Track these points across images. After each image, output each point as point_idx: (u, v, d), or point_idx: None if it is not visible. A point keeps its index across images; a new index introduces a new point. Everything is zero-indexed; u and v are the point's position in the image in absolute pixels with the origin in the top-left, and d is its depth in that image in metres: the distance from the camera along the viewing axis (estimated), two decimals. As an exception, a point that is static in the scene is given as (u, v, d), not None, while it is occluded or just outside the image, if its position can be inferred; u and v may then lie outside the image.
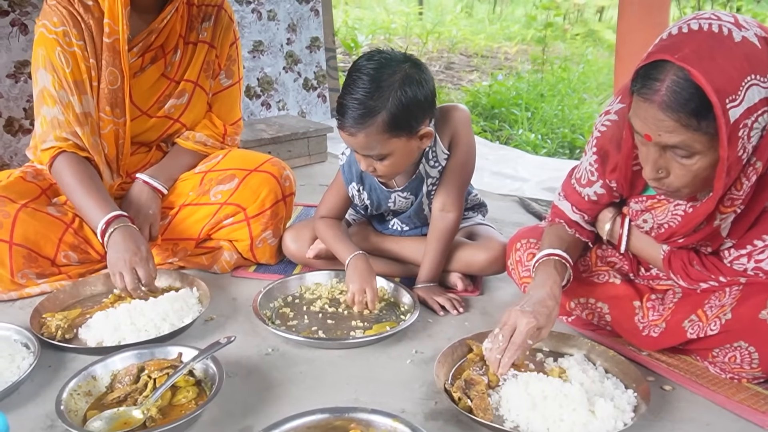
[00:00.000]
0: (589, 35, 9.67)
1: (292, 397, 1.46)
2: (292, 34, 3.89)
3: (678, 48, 1.21)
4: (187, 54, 2.15)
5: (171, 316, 1.70)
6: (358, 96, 1.64)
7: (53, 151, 1.93)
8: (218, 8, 2.19)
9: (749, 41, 1.21)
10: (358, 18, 9.86)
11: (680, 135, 1.24)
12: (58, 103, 1.92)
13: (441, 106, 1.88)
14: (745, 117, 1.21)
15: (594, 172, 1.63)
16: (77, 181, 1.91)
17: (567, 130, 4.81)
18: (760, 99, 1.21)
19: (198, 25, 2.16)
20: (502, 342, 1.43)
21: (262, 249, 2.13)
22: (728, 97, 1.18)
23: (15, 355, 1.54)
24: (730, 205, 1.35)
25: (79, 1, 1.94)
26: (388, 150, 1.70)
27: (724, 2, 7.63)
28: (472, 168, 1.94)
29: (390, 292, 1.93)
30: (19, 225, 1.88)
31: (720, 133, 1.20)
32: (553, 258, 1.60)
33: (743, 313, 1.41)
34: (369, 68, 1.65)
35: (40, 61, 1.93)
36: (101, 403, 1.40)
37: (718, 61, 1.18)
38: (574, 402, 1.34)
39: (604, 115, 1.60)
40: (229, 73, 2.26)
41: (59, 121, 1.93)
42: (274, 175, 2.11)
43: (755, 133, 1.24)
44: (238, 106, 2.32)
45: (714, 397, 1.46)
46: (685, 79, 1.19)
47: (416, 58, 1.74)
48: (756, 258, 1.41)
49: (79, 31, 1.93)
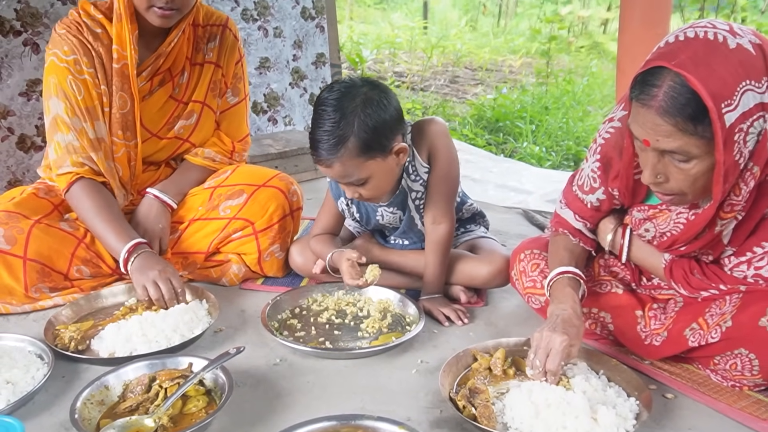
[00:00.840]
0: (593, 47, 9.73)
1: (300, 406, 1.49)
2: (298, 50, 3.95)
3: (674, 55, 1.25)
4: (194, 75, 2.19)
5: (181, 328, 1.74)
6: (326, 127, 1.70)
7: (71, 177, 1.98)
8: (223, 28, 2.23)
9: (744, 48, 1.24)
10: (363, 33, 9.95)
11: (677, 140, 1.27)
12: (72, 129, 1.97)
13: (416, 121, 1.93)
14: (741, 121, 1.24)
15: (597, 179, 1.65)
16: (96, 208, 1.97)
17: (571, 142, 4.85)
18: (755, 104, 1.24)
19: (204, 46, 2.20)
20: (541, 365, 1.46)
21: (269, 262, 2.16)
22: (724, 102, 1.21)
23: (30, 365, 1.58)
24: (729, 210, 1.38)
25: (88, 30, 1.99)
26: (366, 173, 1.75)
27: (728, 14, 7.67)
28: (456, 178, 1.97)
29: (396, 304, 1.96)
30: (33, 240, 1.93)
31: (716, 137, 1.23)
32: (566, 276, 1.63)
33: (743, 320, 1.43)
34: (331, 99, 1.71)
35: (52, 89, 1.98)
36: (114, 412, 1.43)
37: (713, 67, 1.22)
38: (576, 409, 1.36)
39: (607, 122, 1.63)
40: (236, 91, 2.30)
41: (74, 146, 1.98)
42: (282, 190, 2.15)
43: (751, 137, 1.28)
44: (245, 123, 2.36)
45: (715, 405, 1.48)
46: (681, 84, 1.23)
47: (375, 79, 1.80)
48: (756, 265, 1.43)
49: (89, 59, 1.99)
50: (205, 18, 2.21)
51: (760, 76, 1.25)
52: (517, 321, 1.92)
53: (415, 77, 7.82)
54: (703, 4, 7.03)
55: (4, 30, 2.70)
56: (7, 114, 2.76)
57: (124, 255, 1.90)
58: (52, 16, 2.79)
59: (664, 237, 1.55)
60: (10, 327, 1.87)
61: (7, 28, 2.70)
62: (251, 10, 3.67)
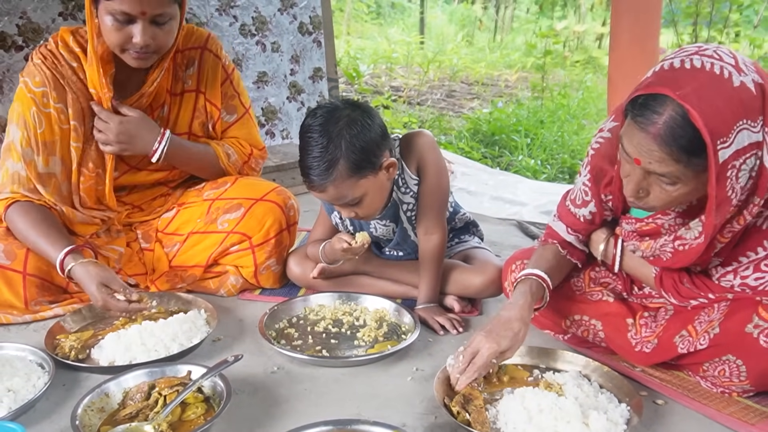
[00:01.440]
0: (588, 62, 9.82)
1: (297, 413, 1.51)
2: (296, 65, 4.00)
3: (679, 85, 1.26)
4: (174, 106, 2.17)
5: (180, 337, 1.76)
6: (315, 153, 1.73)
7: (7, 201, 1.95)
8: (201, 50, 2.17)
9: (747, 87, 1.27)
10: (360, 48, 10.03)
11: (669, 167, 1.31)
12: (21, 159, 1.95)
13: (404, 135, 1.98)
14: (734, 158, 1.27)
15: (588, 192, 1.69)
16: (29, 225, 1.91)
17: (566, 155, 4.90)
18: (749, 143, 1.28)
19: (182, 73, 2.15)
20: (462, 363, 1.50)
21: (266, 275, 2.18)
22: (720, 138, 1.24)
23: (31, 374, 1.60)
24: (729, 235, 1.43)
25: (64, 62, 1.97)
26: (360, 192, 1.78)
27: (720, 29, 7.76)
28: (446, 188, 2.00)
29: (391, 313, 1.99)
30: (32, 256, 1.94)
31: (710, 172, 1.27)
32: (531, 278, 1.65)
33: (730, 327, 1.46)
34: (315, 125, 1.75)
35: (15, 116, 1.96)
36: (114, 419, 1.45)
37: (716, 104, 1.24)
38: (568, 415, 1.39)
39: (598, 133, 1.67)
40: (231, 109, 2.26)
41: (20, 176, 1.95)
42: (279, 204, 2.16)
43: (743, 174, 1.31)
44: (256, 135, 2.34)
45: (705, 411, 1.51)
46: (683, 116, 1.25)
47: (355, 100, 1.85)
48: (741, 274, 1.47)
49: (59, 93, 1.96)
50: (184, 41, 2.13)
51: (757, 116, 1.28)
52: (511, 330, 1.94)
53: (412, 91, 7.88)
54: (696, 18, 7.12)
55: (6, 45, 2.74)
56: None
57: (59, 264, 1.86)
58: (53, 31, 2.83)
59: (650, 258, 1.60)
60: (11, 336, 1.89)
61: (9, 43, 2.75)
62: (249, 26, 3.73)
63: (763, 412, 1.49)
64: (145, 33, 1.83)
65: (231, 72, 2.25)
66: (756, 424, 1.45)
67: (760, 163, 1.32)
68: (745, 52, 7.84)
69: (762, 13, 8.29)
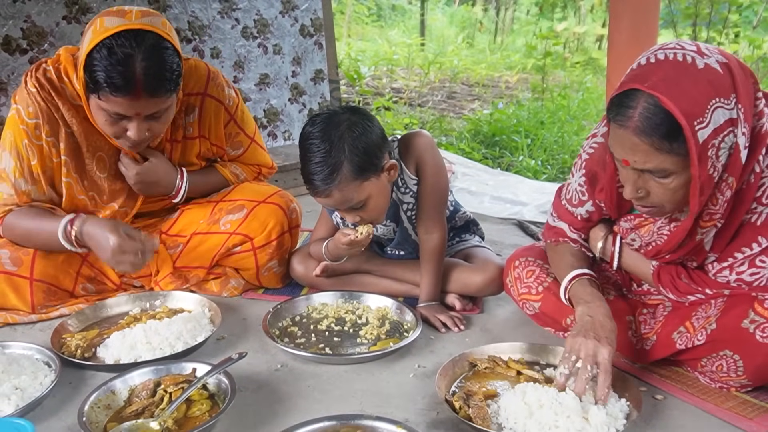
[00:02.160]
0: (588, 63, 9.85)
1: (301, 409, 1.53)
2: (297, 67, 4.03)
3: (646, 77, 1.31)
4: (176, 152, 2.15)
5: (185, 335, 1.78)
6: (317, 159, 1.75)
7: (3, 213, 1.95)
8: (203, 97, 2.11)
9: (711, 67, 1.31)
10: (360, 50, 10.06)
11: (654, 159, 1.33)
12: (13, 188, 1.93)
13: (402, 135, 2.00)
14: (713, 137, 1.30)
15: (585, 193, 1.72)
16: (30, 220, 1.92)
17: (567, 155, 4.92)
18: (725, 120, 1.31)
19: (182, 120, 2.10)
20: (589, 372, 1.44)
21: (268, 276, 2.20)
22: (696, 119, 1.28)
23: (38, 372, 1.62)
24: (708, 219, 1.44)
25: (66, 99, 1.91)
26: (364, 195, 1.81)
27: (720, 29, 7.78)
28: (445, 187, 2.02)
29: (393, 311, 2.01)
30: (39, 261, 1.97)
31: (690, 153, 1.30)
32: (584, 278, 1.67)
33: (727, 322, 1.48)
34: (316, 132, 1.77)
35: (7, 144, 1.92)
36: (120, 415, 1.47)
37: (684, 87, 1.28)
38: (568, 409, 1.40)
39: (591, 138, 1.70)
40: (236, 145, 2.26)
41: (14, 200, 1.94)
42: (282, 206, 2.17)
43: (723, 152, 1.34)
44: (265, 158, 2.37)
45: (704, 406, 1.52)
46: (655, 105, 1.29)
47: (352, 105, 1.88)
48: (737, 270, 1.49)
49: (52, 127, 1.91)
50: (183, 85, 2.01)
51: (729, 93, 1.31)
52: (512, 327, 1.97)
53: (413, 93, 7.91)
54: (695, 19, 7.14)
55: (11, 48, 2.77)
56: (12, 130, 2.81)
57: (66, 227, 1.85)
58: (57, 34, 2.86)
59: (649, 246, 1.62)
60: (17, 336, 1.91)
61: (14, 46, 2.77)
62: (251, 28, 3.76)
63: (761, 407, 1.51)
64: (140, 129, 1.80)
65: (234, 111, 2.20)
66: (754, 418, 1.46)
67: (736, 140, 1.34)
68: (744, 52, 7.86)
69: (761, 14, 8.30)
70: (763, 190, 1.42)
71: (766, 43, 7.81)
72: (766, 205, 1.42)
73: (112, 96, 1.71)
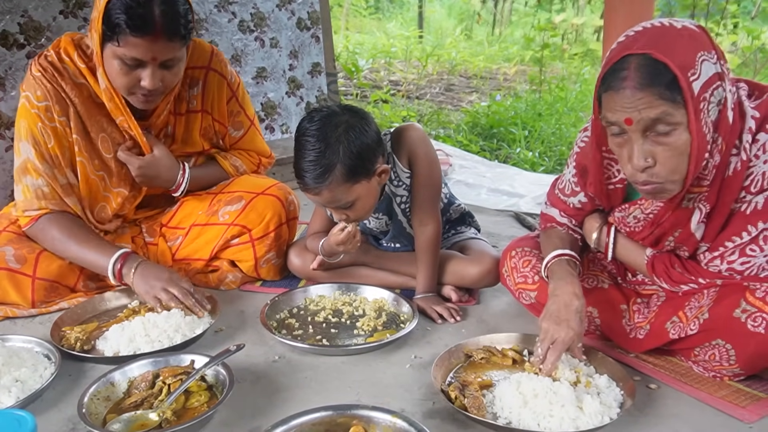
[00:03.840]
0: (587, 54, 9.82)
1: (298, 400, 1.55)
2: (294, 60, 4.03)
3: (632, 44, 1.34)
4: (179, 126, 2.17)
5: (183, 328, 1.79)
6: (311, 157, 1.76)
7: (37, 214, 1.97)
8: (206, 70, 2.16)
9: (688, 27, 1.35)
10: (358, 43, 10.05)
11: (659, 106, 1.31)
12: (42, 175, 1.96)
13: (395, 129, 2.01)
14: (704, 90, 1.32)
15: (577, 184, 1.74)
16: (68, 231, 1.95)
17: (564, 147, 4.92)
18: (713, 73, 1.33)
19: (186, 93, 2.15)
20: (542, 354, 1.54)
21: (266, 268, 2.22)
22: (689, 71, 1.30)
23: (37, 365, 1.63)
24: (697, 184, 1.45)
25: (69, 77, 1.96)
26: (353, 197, 1.82)
27: (718, 20, 7.77)
28: (438, 179, 2.03)
29: (390, 303, 2.02)
30: (43, 260, 1.98)
31: (687, 105, 1.30)
32: (563, 258, 1.70)
33: (719, 312, 1.50)
34: (313, 129, 1.78)
35: (23, 133, 1.96)
36: (119, 407, 1.48)
37: (670, 43, 1.31)
38: (562, 399, 1.42)
39: (583, 131, 1.72)
40: (237, 125, 2.30)
41: (44, 192, 1.96)
42: (280, 198, 2.19)
43: (712, 107, 1.35)
44: (263, 144, 2.39)
45: (697, 394, 1.54)
46: (648, 59, 1.31)
47: (352, 105, 1.88)
48: (728, 259, 1.50)
49: (62, 107, 1.95)
50: (187, 59, 2.04)
51: (710, 48, 1.34)
52: (508, 318, 1.98)
53: (411, 86, 7.90)
54: (693, 10, 7.13)
55: (8, 43, 2.76)
56: (11, 125, 2.81)
57: (116, 266, 1.91)
58: (54, 29, 2.85)
59: (650, 216, 1.60)
60: (17, 329, 1.92)
61: (11, 41, 2.77)
62: (248, 22, 3.75)
63: (754, 395, 1.53)
64: (154, 77, 1.84)
65: (236, 88, 2.26)
66: (747, 406, 1.48)
67: (724, 97, 1.36)
68: (743, 43, 7.85)
69: (760, 4, 8.29)
70: (751, 178, 1.43)
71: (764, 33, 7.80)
72: (754, 193, 1.44)
73: (132, 37, 1.75)
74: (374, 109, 6.38)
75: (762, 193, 1.44)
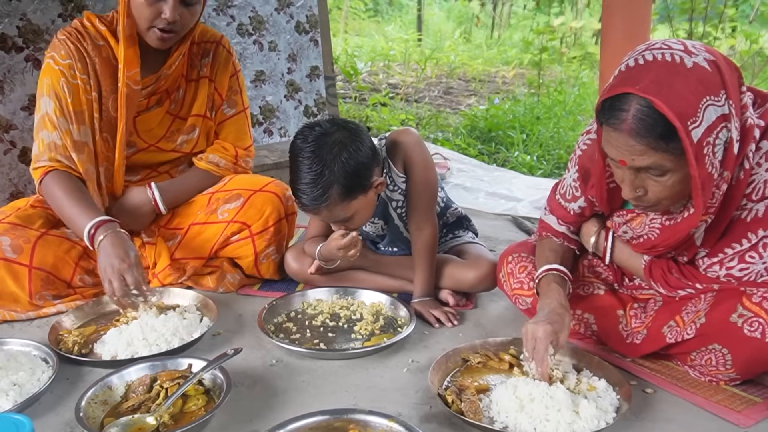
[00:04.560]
0: (585, 58, 9.83)
1: (295, 404, 1.55)
2: (293, 63, 4.03)
3: (637, 80, 1.32)
4: (190, 91, 2.27)
5: (181, 332, 1.80)
6: (307, 180, 1.77)
7: (45, 168, 2.02)
8: (216, 44, 2.30)
9: (700, 66, 1.32)
10: (357, 46, 10.06)
11: (651, 157, 1.35)
12: (57, 129, 2.02)
13: (390, 134, 2.01)
14: (707, 135, 1.32)
15: (578, 188, 1.74)
16: (65, 193, 1.99)
17: (562, 151, 4.92)
18: (717, 117, 1.32)
19: (198, 62, 2.27)
20: (529, 356, 1.53)
21: (266, 264, 2.23)
22: (689, 119, 1.29)
23: (35, 368, 1.64)
24: (704, 213, 1.46)
25: (90, 39, 2.06)
26: (351, 212, 1.84)
27: (716, 24, 7.78)
28: (434, 184, 2.04)
29: (388, 307, 2.03)
30: (39, 249, 1.99)
31: (687, 153, 1.31)
32: (551, 273, 1.70)
33: (715, 317, 1.50)
34: (308, 150, 1.78)
35: (45, 89, 2.04)
36: (117, 411, 1.48)
37: (675, 87, 1.30)
38: (559, 403, 1.42)
39: (585, 134, 1.72)
40: (231, 103, 2.35)
41: (56, 145, 2.02)
42: (278, 194, 2.22)
43: (718, 148, 1.35)
44: (247, 133, 2.41)
45: (693, 399, 1.55)
46: (648, 107, 1.30)
47: (345, 120, 1.88)
48: (727, 265, 1.51)
49: (83, 65, 2.05)
50: (200, 36, 2.27)
51: (718, 90, 1.32)
52: (505, 322, 1.99)
53: (409, 89, 7.91)
54: (691, 14, 7.14)
55: (7, 46, 2.77)
56: (9, 128, 2.83)
57: (90, 230, 1.89)
58: (53, 32, 2.86)
59: (640, 239, 1.63)
60: (15, 333, 1.93)
61: (10, 44, 2.78)
62: (247, 25, 3.76)
63: (750, 400, 1.53)
64: (175, 10, 1.94)
65: (238, 70, 2.38)
66: (742, 411, 1.49)
67: (730, 135, 1.36)
68: (741, 47, 7.86)
69: (758, 8, 8.30)
70: (752, 186, 1.44)
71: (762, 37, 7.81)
72: (756, 201, 1.44)
73: None
74: (372, 112, 6.39)
75: (763, 201, 1.44)
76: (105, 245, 1.86)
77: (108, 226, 1.91)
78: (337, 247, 1.95)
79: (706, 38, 7.15)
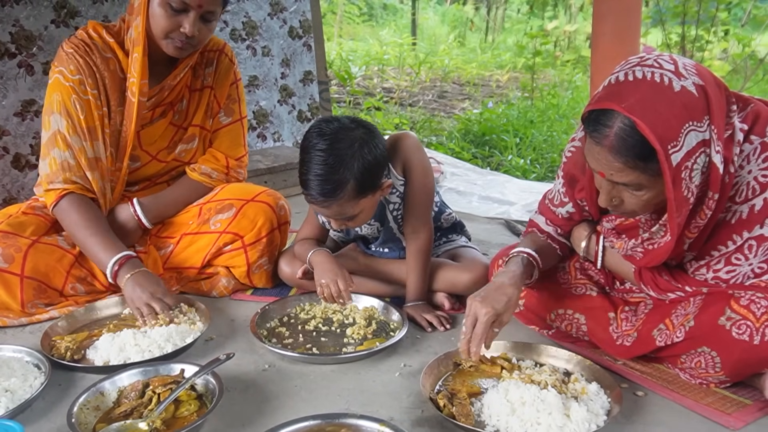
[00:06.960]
0: (579, 61, 9.86)
1: (288, 409, 1.55)
2: (286, 68, 4.04)
3: (624, 97, 1.34)
4: (193, 101, 2.27)
5: (173, 337, 1.80)
6: (322, 172, 1.76)
7: (60, 192, 2.01)
8: (219, 53, 2.29)
9: (688, 90, 1.33)
10: (351, 50, 10.07)
11: (628, 175, 1.38)
12: (70, 147, 2.01)
13: (390, 137, 2.02)
14: (686, 160, 1.34)
15: (565, 194, 1.77)
16: (84, 221, 2.00)
17: (556, 155, 4.95)
18: (697, 142, 1.34)
19: (202, 72, 2.27)
20: (466, 333, 1.55)
21: (258, 275, 2.23)
22: (670, 143, 1.31)
23: (27, 374, 1.64)
24: (696, 231, 1.49)
25: (97, 52, 2.05)
26: (358, 210, 1.85)
27: (708, 27, 7.82)
28: (431, 188, 2.05)
29: (380, 311, 2.03)
30: (30, 258, 1.98)
31: (665, 176, 1.34)
32: (521, 255, 1.72)
33: (704, 320, 1.51)
34: (325, 144, 1.77)
35: (55, 106, 2.01)
36: (109, 416, 1.49)
37: (660, 111, 1.31)
38: (550, 406, 1.43)
39: (570, 142, 1.74)
40: (229, 112, 2.34)
41: (70, 164, 2.01)
42: (270, 204, 2.21)
43: (696, 172, 1.37)
44: (241, 144, 2.39)
45: (683, 401, 1.56)
46: (631, 127, 1.32)
47: (360, 119, 1.89)
48: (714, 268, 1.52)
49: (93, 80, 2.04)
50: (205, 45, 2.25)
51: (702, 116, 1.34)
52: (497, 326, 1.99)
53: (404, 93, 7.93)
54: (683, 18, 7.17)
55: (0, 52, 2.78)
56: (2, 134, 2.83)
57: (113, 267, 1.93)
58: (45, 38, 2.87)
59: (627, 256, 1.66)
60: (7, 339, 1.93)
61: (2, 50, 2.78)
62: (240, 30, 3.77)
63: (740, 402, 1.54)
64: (195, 25, 1.94)
65: (239, 79, 2.38)
66: (732, 413, 1.50)
67: (709, 160, 1.38)
68: (733, 50, 7.90)
69: (750, 11, 8.35)
70: (736, 188, 1.46)
71: (754, 40, 7.85)
72: (739, 203, 1.46)
73: None
74: (367, 117, 6.40)
75: (746, 203, 1.46)
76: (134, 282, 1.91)
77: (132, 264, 1.95)
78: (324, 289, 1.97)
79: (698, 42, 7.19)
